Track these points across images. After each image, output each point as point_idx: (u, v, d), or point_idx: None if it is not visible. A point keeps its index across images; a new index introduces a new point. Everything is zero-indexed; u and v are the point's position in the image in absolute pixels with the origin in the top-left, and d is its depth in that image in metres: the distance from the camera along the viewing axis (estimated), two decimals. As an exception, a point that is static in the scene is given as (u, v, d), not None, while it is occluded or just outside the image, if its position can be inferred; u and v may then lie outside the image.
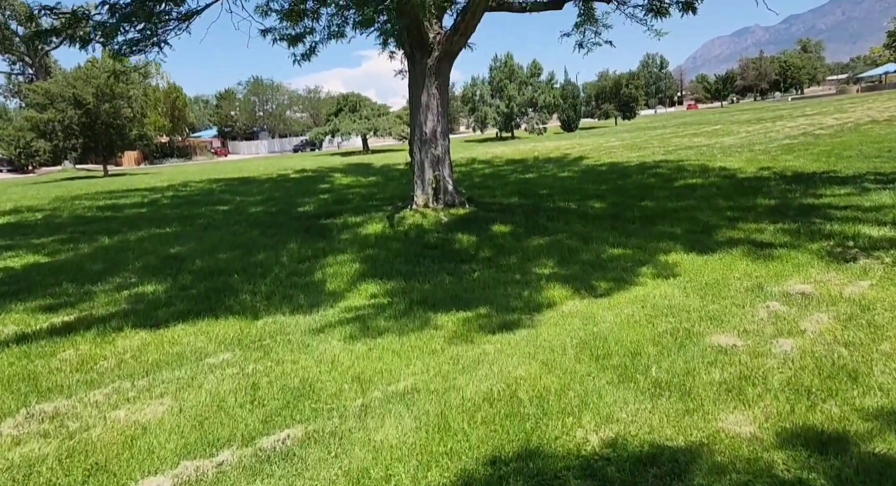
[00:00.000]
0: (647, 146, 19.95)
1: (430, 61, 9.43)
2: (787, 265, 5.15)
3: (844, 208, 7.13)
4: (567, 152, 20.55)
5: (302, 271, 6.74)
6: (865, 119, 21.47)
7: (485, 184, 12.97)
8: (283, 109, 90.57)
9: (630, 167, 13.72)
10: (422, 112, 9.73)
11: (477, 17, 8.86)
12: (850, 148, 13.40)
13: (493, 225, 8.39)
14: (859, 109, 28.78)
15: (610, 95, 74.94)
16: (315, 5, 12.73)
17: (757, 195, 8.72)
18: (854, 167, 10.50)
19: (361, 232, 8.61)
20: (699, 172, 11.76)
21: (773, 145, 16.01)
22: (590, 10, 12.64)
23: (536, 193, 11.03)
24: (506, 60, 63.80)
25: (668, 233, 6.98)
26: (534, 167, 15.83)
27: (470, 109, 67.12)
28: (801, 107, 43.75)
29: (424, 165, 9.95)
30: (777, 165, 11.65)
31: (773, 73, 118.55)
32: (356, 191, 13.37)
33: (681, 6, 10.42)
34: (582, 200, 9.92)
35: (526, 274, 5.97)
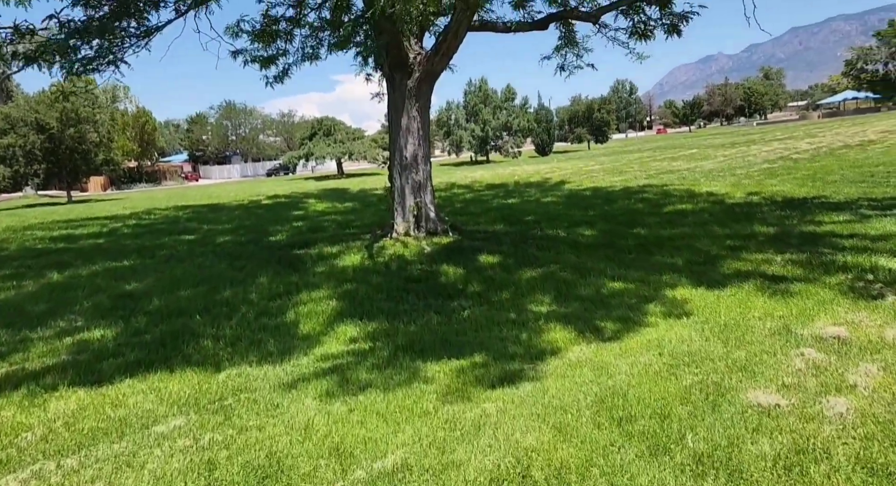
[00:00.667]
0: (627, 170, 19.79)
1: (410, 83, 8.97)
2: (809, 303, 4.70)
3: (850, 237, 6.78)
4: (547, 177, 20.27)
5: (272, 310, 6.08)
6: (838, 144, 21.74)
7: (467, 210, 12.48)
8: (257, 133, 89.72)
9: (615, 192, 13.40)
10: (402, 136, 9.24)
11: (459, 37, 8.46)
12: (832, 172, 13.32)
13: (480, 255, 7.86)
14: (829, 134, 29.34)
15: (582, 119, 76.00)
16: (288, 26, 12.28)
17: (753, 222, 8.38)
18: (843, 192, 10.30)
19: (338, 264, 7.98)
20: (687, 197, 11.46)
21: (754, 170, 15.92)
22: (570, 32, 12.42)
23: (522, 220, 10.56)
24: (480, 85, 64.40)
25: (668, 264, 6.52)
26: (515, 192, 15.43)
27: (445, 132, 67.32)
28: (769, 131, 44.72)
29: (405, 192, 9.42)
30: (764, 190, 11.42)
31: (738, 99, 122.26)
32: (332, 218, 12.74)
33: (666, 28, 10.21)
34: (570, 227, 9.47)
35: (521, 312, 5.43)
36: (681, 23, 9.98)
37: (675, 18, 9.94)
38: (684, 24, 10.01)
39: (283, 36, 12.46)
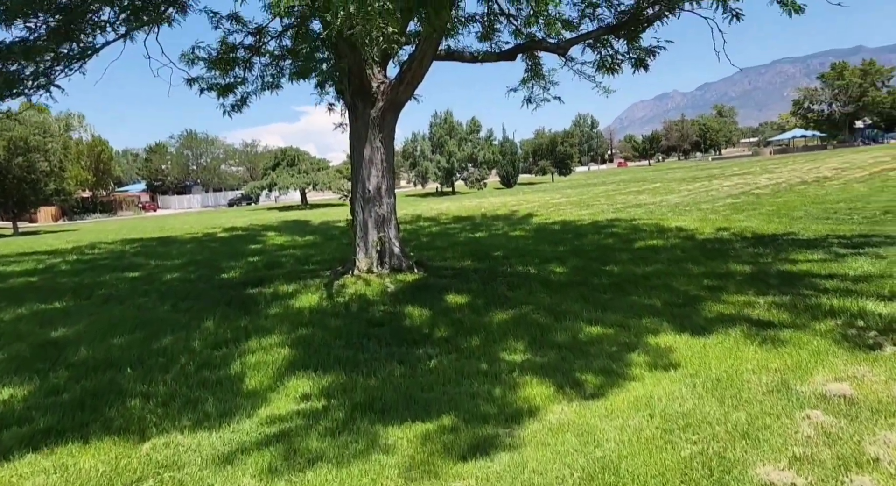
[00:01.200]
0: (594, 203, 19.75)
1: (373, 112, 8.57)
2: (803, 353, 4.35)
3: (830, 277, 6.57)
4: (514, 209, 20.06)
5: (216, 360, 5.43)
6: (796, 180, 22.29)
7: (433, 244, 12.03)
8: (218, 163, 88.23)
9: (584, 226, 13.18)
10: (364, 167, 8.78)
11: (424, 65, 8.14)
12: (796, 209, 13.43)
13: (448, 294, 7.37)
14: (785, 170, 30.25)
15: (546, 151, 77.33)
16: (247, 54, 11.83)
17: (727, 260, 8.16)
18: (811, 229, 10.26)
19: (294, 305, 7.37)
20: (657, 232, 11.28)
21: (719, 204, 16.02)
22: (537, 65, 12.33)
23: (490, 256, 10.15)
24: (446, 117, 65.06)
25: (646, 306, 6.16)
26: (483, 225, 15.09)
27: (411, 164, 67.44)
28: (727, 166, 46.06)
29: (368, 226, 8.92)
30: (733, 226, 11.34)
31: (694, 135, 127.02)
32: (291, 252, 12.09)
33: (633, 62, 10.15)
34: (541, 263, 9.09)
35: (494, 362, 4.93)
36: (647, 57, 9.93)
37: (641, 53, 9.88)
38: (651, 59, 9.96)
39: (241, 64, 12.02)
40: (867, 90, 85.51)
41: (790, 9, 8.76)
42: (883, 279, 6.19)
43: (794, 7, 8.77)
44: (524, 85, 12.67)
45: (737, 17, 9.21)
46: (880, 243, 8.37)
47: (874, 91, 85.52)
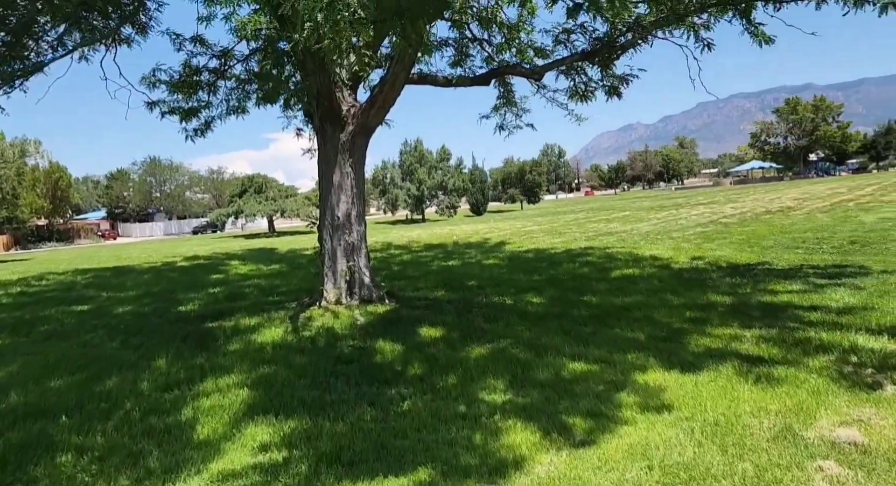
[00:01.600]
0: (566, 231, 19.69)
1: (343, 136, 8.25)
2: (801, 393, 4.09)
3: (812, 309, 6.41)
4: (486, 237, 19.85)
5: (166, 405, 4.90)
6: (760, 209, 22.74)
7: (405, 273, 11.63)
8: (183, 190, 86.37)
9: (557, 254, 12.99)
10: (334, 193, 8.41)
11: (396, 89, 7.89)
12: (766, 238, 13.52)
13: (421, 327, 6.98)
14: (748, 200, 30.99)
15: (515, 180, 78.06)
16: (212, 78, 11.47)
17: (706, 290, 7.99)
18: (784, 259, 10.25)
19: (256, 340, 6.86)
20: (631, 261, 11.14)
21: (689, 233, 16.10)
22: (509, 92, 12.27)
23: (464, 285, 9.80)
24: (416, 145, 65.28)
25: (630, 340, 5.88)
26: (455, 253, 14.78)
27: (381, 191, 67.25)
28: (691, 196, 47.13)
29: (336, 254, 8.51)
30: (707, 255, 11.29)
31: (657, 165, 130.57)
32: (255, 282, 11.53)
33: (606, 90, 10.13)
34: (517, 293, 8.79)
35: (472, 403, 4.55)
36: (621, 85, 9.92)
37: (615, 80, 9.87)
38: (624, 87, 9.96)
39: (205, 87, 11.63)
40: (819, 125, 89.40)
41: (761, 40, 8.89)
42: (867, 311, 6.06)
43: (764, 38, 8.89)
44: (496, 112, 12.60)
45: (708, 47, 9.29)
46: (855, 273, 8.34)
47: (825, 126, 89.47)
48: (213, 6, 10.58)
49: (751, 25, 8.64)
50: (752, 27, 8.66)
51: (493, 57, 10.78)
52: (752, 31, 8.70)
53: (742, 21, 8.61)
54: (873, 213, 17.46)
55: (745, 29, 8.70)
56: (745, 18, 8.51)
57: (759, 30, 8.69)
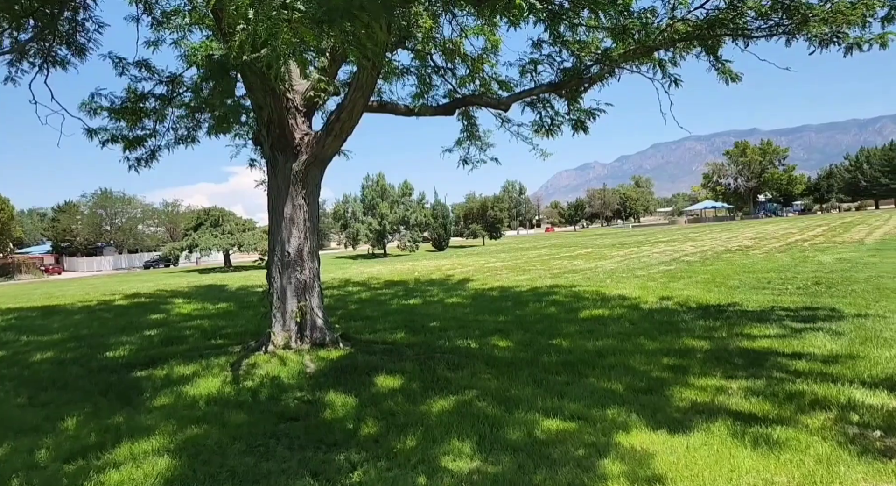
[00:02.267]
0: (530, 268, 19.32)
1: (296, 166, 7.64)
2: (807, 461, 3.59)
3: (796, 357, 6.03)
4: (449, 274, 19.28)
5: (63, 481, 4.05)
6: (720, 248, 23.00)
7: (362, 313, 10.91)
8: (135, 223, 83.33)
9: (523, 293, 12.50)
10: (284, 227, 7.74)
11: (354, 117, 7.37)
12: (730, 277, 13.41)
13: (378, 376, 6.28)
14: (706, 238, 31.53)
15: (477, 215, 78.39)
16: (159, 105, 10.79)
17: (680, 334, 7.57)
18: (753, 300, 10.02)
19: (188, 393, 6.03)
20: (599, 300, 10.73)
21: (654, 271, 15.92)
22: (472, 125, 11.96)
23: (426, 327, 9.16)
24: (378, 180, 65.09)
25: (608, 391, 5.33)
26: (417, 291, 14.13)
27: (342, 225, 66.53)
28: (650, 233, 47.91)
29: (287, 294, 7.78)
30: (674, 295, 10.99)
31: (615, 203, 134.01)
32: (198, 323, 10.59)
33: (573, 124, 9.88)
34: (483, 336, 8.20)
35: (435, 473, 3.88)
36: (588, 119, 9.68)
37: (582, 114, 9.63)
38: (591, 121, 9.72)
39: (152, 115, 10.95)
40: (766, 167, 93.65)
41: (728, 77, 8.81)
42: (854, 360, 5.69)
43: (731, 75, 8.81)
44: (460, 146, 12.24)
45: (675, 84, 9.17)
46: (828, 316, 8.09)
47: (772, 168, 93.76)
48: (161, 30, 10.02)
49: (718, 62, 8.55)
50: (720, 64, 8.57)
51: (457, 90, 10.47)
52: (720, 68, 8.62)
53: (709, 57, 8.51)
54: (829, 253, 17.73)
55: (713, 65, 8.61)
56: (712, 55, 8.41)
57: (726, 67, 8.61)
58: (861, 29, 7.26)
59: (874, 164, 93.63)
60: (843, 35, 7.62)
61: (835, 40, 7.69)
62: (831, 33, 7.67)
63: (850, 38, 7.62)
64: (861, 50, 7.60)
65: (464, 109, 11.86)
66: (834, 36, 7.65)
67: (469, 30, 10.14)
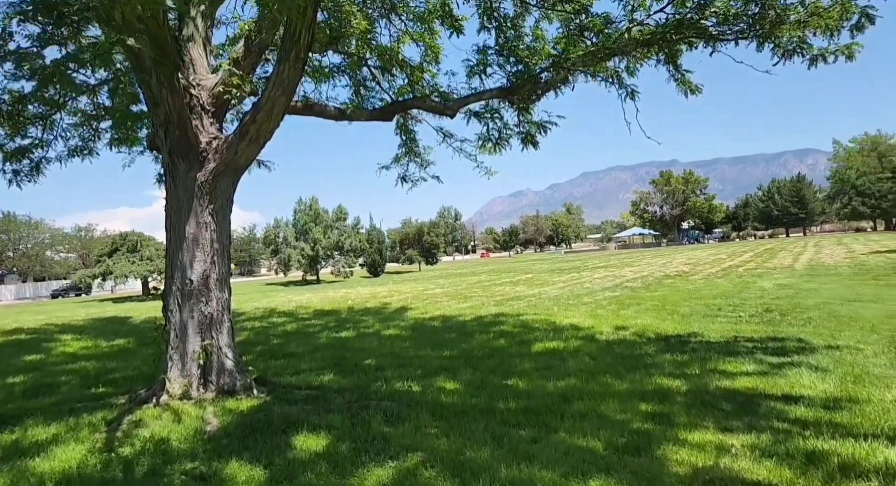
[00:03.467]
0: (471, 295, 18.32)
1: (201, 176, 6.32)
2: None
3: (789, 400, 5.24)
4: (386, 301, 17.96)
5: None
6: (659, 274, 22.95)
7: (286, 349, 9.48)
8: (43, 249, 76.77)
9: (467, 323, 11.44)
10: (186, 249, 6.36)
11: (274, 118, 6.16)
12: (678, 304, 12.92)
13: (298, 435, 5.00)
14: (642, 263, 31.81)
15: (413, 241, 77.49)
16: (47, 110, 9.23)
17: (649, 370, 6.71)
18: (712, 329, 9.42)
19: (35, 469, 4.51)
20: (551, 331, 9.82)
21: (599, 298, 15.31)
22: (412, 140, 10.99)
23: (360, 365, 7.89)
24: (311, 204, 63.22)
25: (585, 452, 4.29)
26: (350, 321, 12.77)
27: (273, 250, 63.97)
28: (586, 259, 48.42)
29: (188, 331, 6.37)
30: (629, 324, 10.25)
31: (548, 229, 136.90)
32: (81, 366, 8.82)
33: (522, 137, 9.08)
34: (426, 376, 7.04)
35: None
36: (538, 132, 8.91)
37: (532, 127, 8.85)
38: (542, 135, 8.96)
39: (37, 122, 9.37)
40: (689, 196, 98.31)
41: (687, 88, 8.26)
42: (858, 405, 4.95)
43: (690, 87, 8.27)
44: (398, 162, 11.24)
45: (632, 95, 8.56)
46: (799, 348, 7.49)
47: (694, 197, 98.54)
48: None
49: (678, 72, 7.99)
50: (679, 74, 8.02)
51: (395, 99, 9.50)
52: (679, 78, 8.06)
53: (668, 66, 7.94)
54: (767, 279, 17.81)
55: (672, 75, 8.05)
56: (671, 64, 7.84)
57: (686, 78, 8.07)
58: (830, 37, 6.83)
59: (784, 194, 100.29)
60: (808, 46, 7.21)
61: (799, 51, 7.25)
62: (794, 45, 7.25)
63: (815, 49, 7.21)
64: (826, 62, 7.19)
65: (402, 123, 10.90)
66: (798, 46, 7.22)
67: (408, 35, 9.23)
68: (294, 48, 5.70)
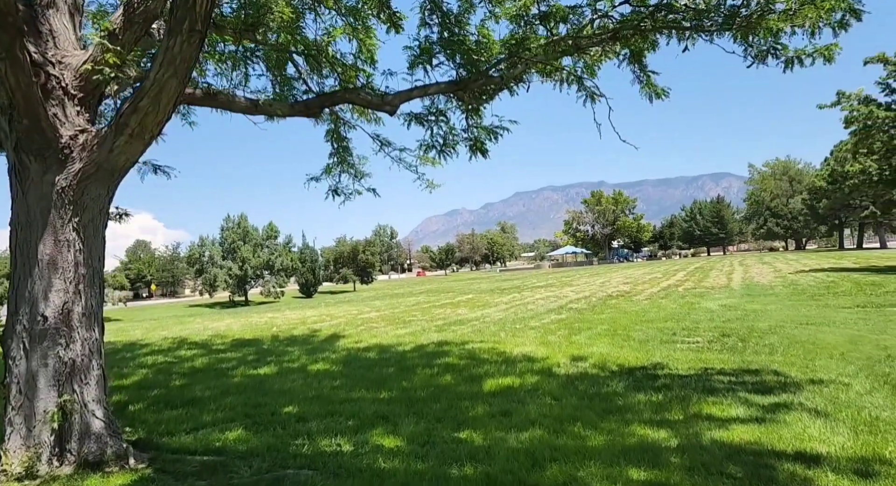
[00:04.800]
0: (410, 319, 17.01)
1: (62, 179, 4.81)
2: None
3: (811, 462, 4.31)
4: (316, 328, 16.32)
5: None
6: (601, 294, 22.51)
7: (189, 393, 7.85)
8: None
9: (407, 354, 10.14)
10: (38, 276, 4.80)
11: (162, 107, 4.76)
12: (630, 328, 12.20)
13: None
14: (580, 282, 31.56)
15: (348, 259, 75.34)
16: None
17: (624, 416, 5.70)
18: (674, 358, 8.64)
19: None
20: (502, 363, 8.71)
21: (546, 321, 14.42)
22: (344, 149, 9.76)
23: (278, 415, 6.46)
24: (240, 222, 60.31)
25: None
26: (272, 354, 11.18)
27: (197, 270, 60.43)
28: (522, 278, 48.11)
29: (37, 384, 4.80)
30: (585, 353, 9.32)
31: (483, 248, 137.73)
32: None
33: (470, 145, 8.03)
34: (360, 430, 5.71)
35: None
36: (489, 139, 7.89)
37: (482, 132, 7.82)
38: (492, 141, 7.94)
39: None
40: (619, 216, 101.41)
41: (652, 92, 7.47)
42: (889, 467, 4.08)
43: (656, 91, 7.48)
44: (329, 174, 9.98)
45: (592, 99, 7.71)
46: (781, 384, 6.73)
47: (624, 217, 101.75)
48: None
49: (643, 73, 7.19)
50: (644, 75, 7.23)
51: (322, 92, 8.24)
52: (644, 81, 7.27)
53: (633, 66, 7.13)
54: (709, 300, 17.58)
55: (637, 77, 7.24)
56: (637, 63, 7.03)
57: (651, 80, 7.29)
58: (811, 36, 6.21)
59: (706, 215, 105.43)
60: (783, 47, 6.57)
61: (773, 52, 6.60)
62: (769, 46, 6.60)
63: (790, 50, 6.58)
64: (802, 65, 6.56)
65: (334, 129, 9.64)
66: (772, 47, 6.57)
67: (338, 30, 8.03)
68: (188, 16, 4.39)
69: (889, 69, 24.38)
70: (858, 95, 25.31)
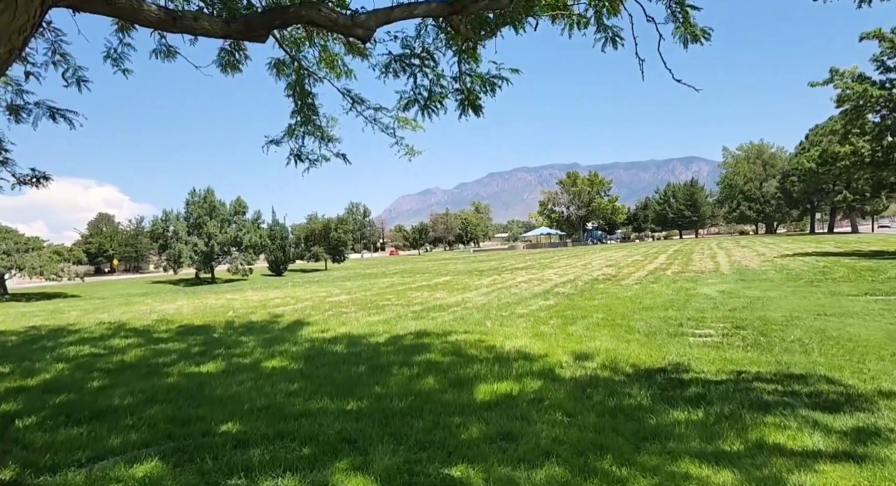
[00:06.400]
0: (384, 304, 15.54)
1: None
2: None
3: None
4: (277, 313, 14.72)
5: None
6: (586, 277, 21.40)
7: (104, 401, 6.28)
8: None
9: (381, 347, 8.71)
10: None
11: (21, 7, 3.14)
12: (629, 317, 11.01)
13: None
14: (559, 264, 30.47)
15: (319, 237, 73.29)
16: None
17: (666, 445, 4.38)
18: (695, 357, 7.42)
19: None
20: (494, 361, 7.34)
21: (534, 308, 13.14)
22: (308, 106, 8.20)
23: (210, 438, 4.96)
24: (206, 196, 57.76)
25: None
26: (222, 345, 9.62)
27: (161, 246, 58.04)
28: (499, 259, 47.00)
29: None
30: (588, 348, 8.04)
31: (457, 228, 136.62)
32: None
33: (462, 100, 6.52)
34: (318, 463, 4.27)
35: None
36: (485, 91, 6.39)
37: (478, 82, 6.31)
38: (490, 95, 6.44)
39: None
40: (594, 197, 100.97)
41: (689, 34, 6.06)
42: None
43: (694, 34, 6.09)
44: (292, 136, 8.44)
45: (613, 42, 6.26)
46: (842, 395, 5.54)
47: (599, 199, 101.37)
48: None
49: (681, 8, 5.77)
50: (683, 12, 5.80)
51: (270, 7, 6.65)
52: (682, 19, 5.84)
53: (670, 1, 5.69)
54: (703, 285, 16.54)
55: (673, 13, 5.80)
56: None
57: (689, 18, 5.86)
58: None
59: (679, 198, 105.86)
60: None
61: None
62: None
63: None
64: None
65: (296, 81, 8.10)
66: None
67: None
68: None
69: (885, 46, 23.49)
70: (852, 72, 24.43)
